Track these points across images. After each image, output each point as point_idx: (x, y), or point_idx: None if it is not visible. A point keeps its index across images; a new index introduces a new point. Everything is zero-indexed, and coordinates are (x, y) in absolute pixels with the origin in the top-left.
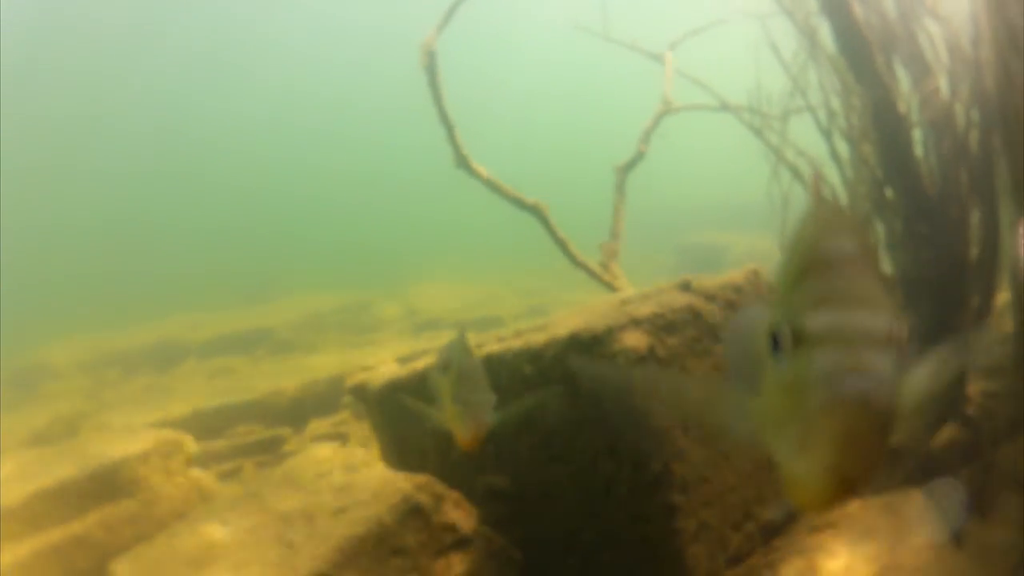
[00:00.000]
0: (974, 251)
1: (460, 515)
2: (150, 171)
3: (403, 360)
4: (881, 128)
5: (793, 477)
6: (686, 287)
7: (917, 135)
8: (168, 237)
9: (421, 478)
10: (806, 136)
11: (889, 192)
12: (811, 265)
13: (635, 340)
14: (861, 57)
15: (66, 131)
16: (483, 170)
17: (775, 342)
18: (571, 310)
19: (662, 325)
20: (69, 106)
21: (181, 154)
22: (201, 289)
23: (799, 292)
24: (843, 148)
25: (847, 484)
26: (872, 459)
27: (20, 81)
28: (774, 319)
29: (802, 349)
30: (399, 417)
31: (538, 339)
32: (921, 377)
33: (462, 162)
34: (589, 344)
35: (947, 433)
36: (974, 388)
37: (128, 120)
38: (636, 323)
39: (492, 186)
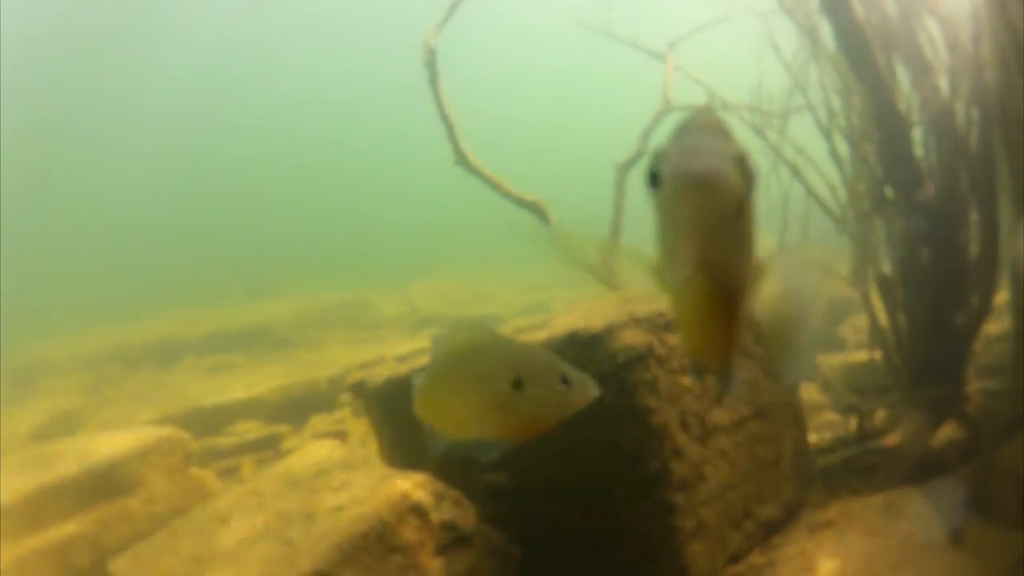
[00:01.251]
0: (974, 250)
1: (459, 513)
2: (150, 168)
3: (403, 359)
4: (881, 127)
5: (675, 293)
6: None
7: (917, 134)
8: (168, 233)
9: (420, 476)
10: (807, 135)
11: (889, 191)
12: (679, 130)
13: (634, 338)
14: (862, 56)
15: (67, 129)
16: (483, 167)
17: (652, 179)
18: (571, 308)
19: (662, 324)
20: (70, 105)
21: (181, 151)
22: (201, 285)
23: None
24: (843, 147)
25: (714, 273)
26: (728, 240)
27: (22, 80)
28: (649, 164)
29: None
30: (398, 415)
31: (538, 337)
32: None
33: (461, 159)
34: (588, 342)
35: (946, 431)
36: (973, 387)
37: (128, 118)
38: (635, 321)
39: (492, 183)
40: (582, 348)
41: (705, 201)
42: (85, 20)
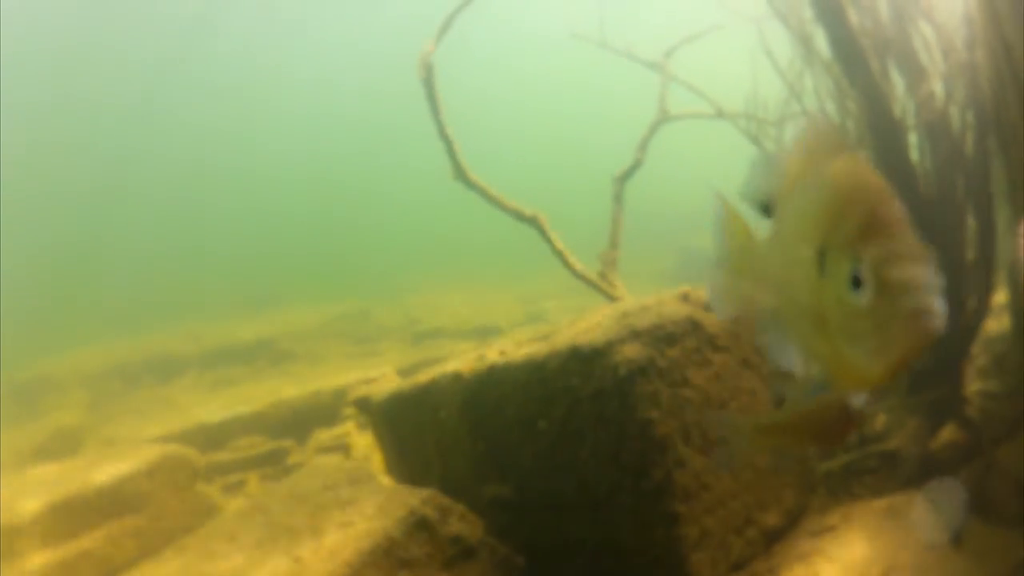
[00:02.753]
0: (970, 253)
1: (465, 527)
2: (150, 183)
3: (404, 372)
4: (876, 132)
5: (850, 362)
6: (685, 298)
7: (913, 139)
8: (168, 248)
9: (426, 492)
10: None
11: None
12: (865, 224)
13: (635, 352)
14: (856, 62)
15: (65, 143)
16: (481, 182)
17: (855, 281)
18: (571, 321)
19: (662, 336)
20: (67, 117)
21: (181, 167)
22: (200, 299)
23: (848, 234)
24: None
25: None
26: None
27: (24, 94)
28: (852, 264)
29: (872, 289)
30: (403, 429)
31: (540, 351)
32: None
33: (460, 175)
34: (590, 356)
35: (947, 433)
36: (973, 388)
37: (127, 133)
38: (636, 335)
39: (490, 198)
40: (584, 362)
41: (928, 340)
42: (89, 32)
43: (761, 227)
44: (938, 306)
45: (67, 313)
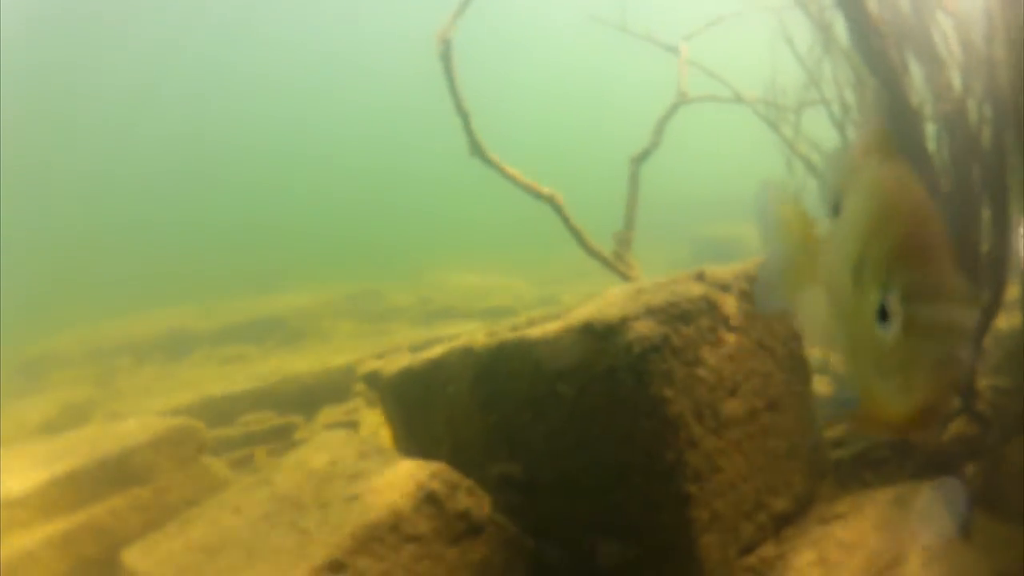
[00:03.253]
0: (984, 246)
1: (473, 503)
2: (161, 163)
3: (415, 349)
4: (894, 121)
5: (879, 396)
6: (700, 277)
7: (930, 130)
8: (180, 227)
9: (435, 466)
10: (820, 129)
11: None
12: (900, 246)
13: (649, 329)
14: (875, 51)
15: (76, 126)
16: (497, 159)
17: (883, 313)
18: (585, 299)
19: (677, 314)
20: (78, 103)
21: (192, 147)
22: (211, 277)
23: (881, 253)
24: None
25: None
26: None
27: (19, 68)
28: (881, 291)
29: (899, 324)
30: (412, 405)
31: (552, 328)
32: None
33: (476, 150)
34: (603, 333)
35: (956, 427)
36: (983, 383)
37: (137, 114)
38: (650, 312)
39: (507, 175)
40: (597, 339)
41: (952, 388)
42: (87, 18)
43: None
44: (966, 355)
45: (76, 290)
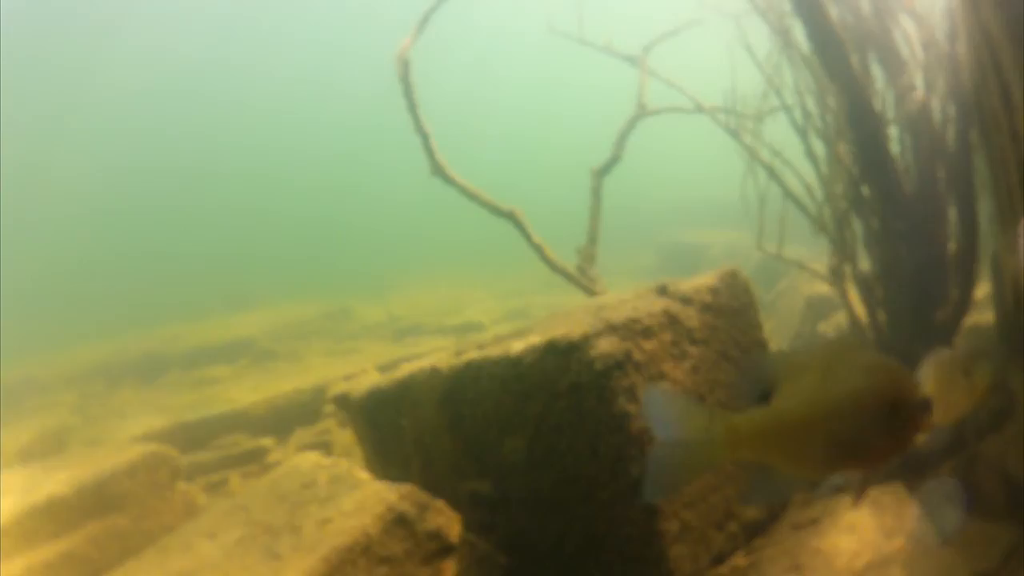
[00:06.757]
0: (952, 246)
1: (444, 522)
2: (129, 185)
3: (384, 368)
4: (856, 126)
5: None
6: (663, 291)
7: (893, 132)
8: (148, 250)
9: (405, 487)
10: (782, 135)
11: (865, 190)
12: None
13: (611, 346)
14: (835, 56)
15: (44, 145)
16: (459, 178)
17: None
18: (548, 316)
19: (638, 330)
20: (40, 112)
21: (155, 164)
22: (179, 300)
23: None
24: (819, 147)
25: None
26: None
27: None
28: None
29: None
30: (382, 425)
31: (517, 347)
32: None
33: (438, 170)
34: (567, 351)
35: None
36: None
37: (101, 130)
38: (612, 329)
39: (469, 194)
40: (561, 356)
41: None
42: (76, 18)
43: None
44: None
45: (45, 316)
